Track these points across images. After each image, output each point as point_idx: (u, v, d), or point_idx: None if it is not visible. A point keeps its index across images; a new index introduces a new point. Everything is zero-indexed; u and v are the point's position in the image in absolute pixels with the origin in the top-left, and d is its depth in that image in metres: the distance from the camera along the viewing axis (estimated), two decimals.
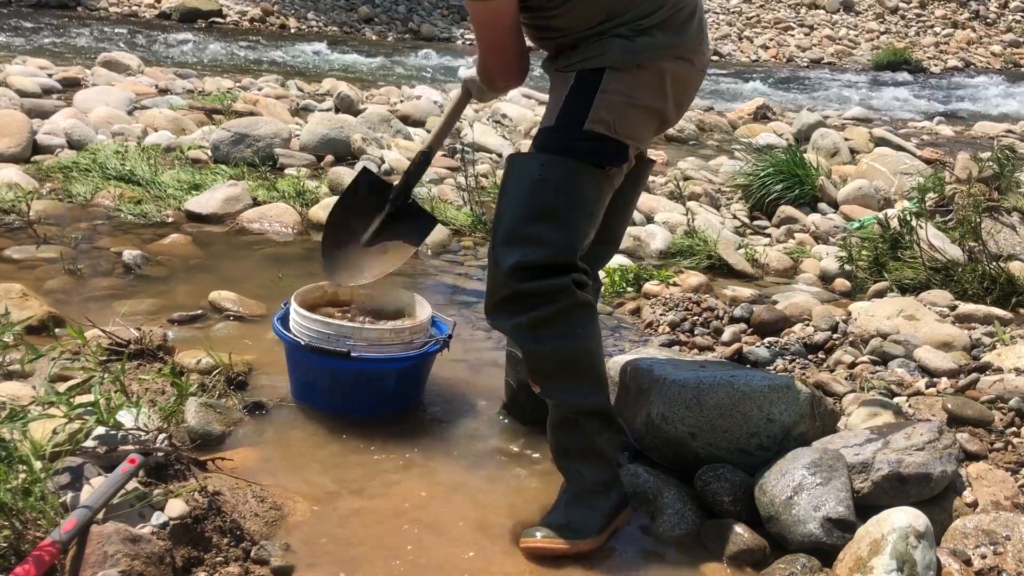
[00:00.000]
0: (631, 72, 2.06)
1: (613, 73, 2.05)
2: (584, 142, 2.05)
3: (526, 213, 2.05)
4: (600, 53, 2.06)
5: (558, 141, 2.07)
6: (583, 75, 2.07)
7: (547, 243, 2.03)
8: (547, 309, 2.04)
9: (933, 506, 2.07)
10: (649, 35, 2.06)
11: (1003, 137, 8.08)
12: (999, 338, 2.95)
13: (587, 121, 2.05)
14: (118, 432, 2.00)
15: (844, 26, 16.70)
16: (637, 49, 2.06)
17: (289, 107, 6.70)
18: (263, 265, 3.71)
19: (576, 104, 2.06)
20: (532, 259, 2.02)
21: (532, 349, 2.08)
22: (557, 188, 2.05)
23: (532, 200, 2.05)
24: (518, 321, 2.06)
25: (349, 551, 1.97)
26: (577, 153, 2.05)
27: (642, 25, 2.06)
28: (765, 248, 4.33)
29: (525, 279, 2.02)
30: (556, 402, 2.11)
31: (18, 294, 2.85)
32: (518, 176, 2.10)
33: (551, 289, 2.03)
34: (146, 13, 13.40)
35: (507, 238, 2.05)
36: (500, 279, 2.06)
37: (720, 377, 2.30)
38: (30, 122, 4.94)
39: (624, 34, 2.06)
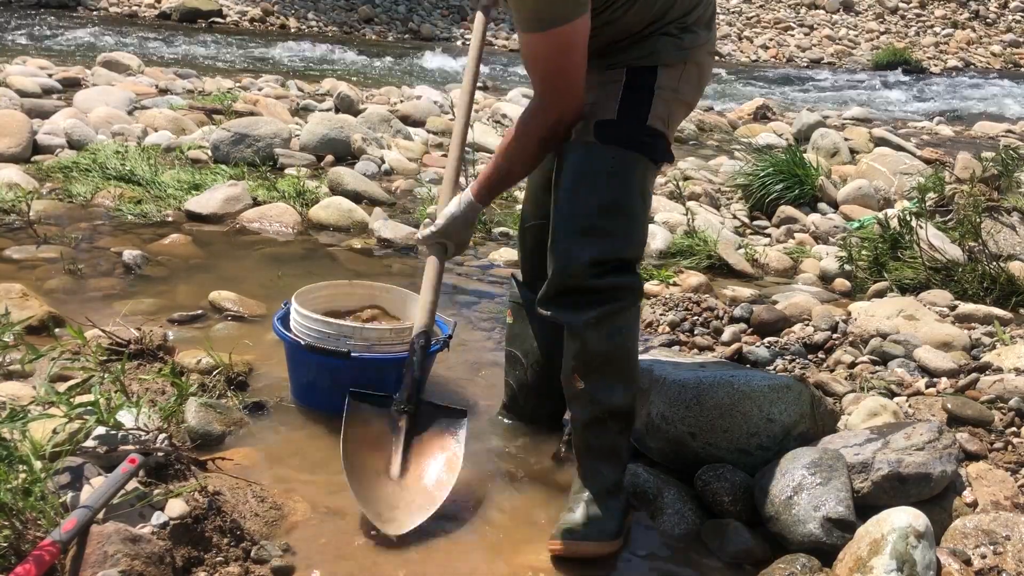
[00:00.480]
0: (679, 68, 2.10)
1: (665, 70, 2.07)
2: (648, 138, 2.06)
3: (601, 206, 2.00)
4: (653, 51, 2.08)
5: (627, 135, 2.04)
6: (636, 71, 2.07)
7: (623, 238, 2.02)
8: (615, 306, 2.02)
9: (933, 506, 2.07)
10: (692, 32, 2.11)
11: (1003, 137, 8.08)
12: (999, 338, 2.95)
13: (649, 117, 2.05)
14: (118, 432, 2.00)
15: (844, 26, 16.71)
16: (684, 46, 2.09)
17: (289, 107, 6.71)
18: (263, 265, 3.72)
19: (635, 100, 2.05)
20: (609, 254, 2.00)
21: (592, 345, 2.03)
22: (629, 182, 2.03)
23: (607, 193, 2.01)
24: (587, 316, 2.01)
25: (349, 551, 1.97)
26: (644, 148, 2.05)
27: (686, 23, 2.10)
28: (765, 248, 4.34)
29: (601, 275, 2.00)
30: (591, 400, 2.07)
31: (18, 294, 2.85)
32: (591, 167, 2.03)
33: (624, 286, 2.03)
34: (146, 13, 13.41)
35: (582, 230, 2.00)
36: (572, 272, 2.00)
37: (720, 377, 2.30)
38: (30, 122, 4.95)
39: (672, 32, 2.09)
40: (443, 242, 2.27)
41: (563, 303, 2.04)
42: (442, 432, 2.22)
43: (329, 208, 4.31)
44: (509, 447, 2.48)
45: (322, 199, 4.41)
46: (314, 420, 2.48)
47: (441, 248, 2.29)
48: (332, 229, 4.22)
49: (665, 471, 2.30)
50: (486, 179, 2.18)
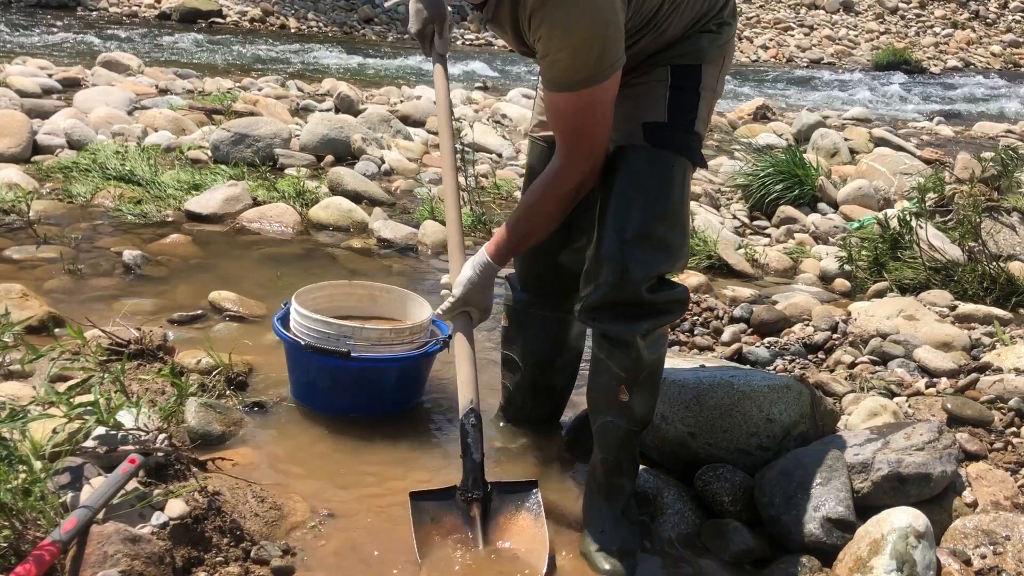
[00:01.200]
0: (718, 64, 2.07)
1: (707, 67, 2.03)
2: (696, 144, 2.02)
3: (657, 214, 1.93)
4: (696, 48, 2.02)
5: (678, 140, 1.98)
6: (681, 70, 2.01)
7: (675, 249, 1.96)
8: (664, 319, 1.98)
9: (933, 506, 2.07)
10: (728, 25, 2.08)
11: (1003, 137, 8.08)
12: (999, 338, 2.95)
13: (696, 121, 2.01)
14: (118, 432, 2.00)
15: (844, 26, 16.71)
16: (722, 41, 2.06)
17: (289, 107, 6.70)
18: (263, 265, 3.72)
19: (682, 102, 2.00)
20: (664, 267, 1.94)
21: (642, 356, 1.97)
22: (681, 190, 1.98)
23: (662, 200, 1.94)
24: (640, 328, 1.94)
25: (349, 551, 1.97)
26: (692, 154, 2.01)
27: (722, 17, 2.07)
28: (765, 248, 4.34)
29: (656, 289, 1.94)
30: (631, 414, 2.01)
31: (18, 294, 2.85)
32: (647, 172, 1.96)
33: (675, 299, 1.98)
34: (146, 13, 13.40)
35: (637, 239, 1.91)
36: (627, 285, 1.91)
37: (720, 377, 2.30)
38: (30, 122, 4.94)
39: (712, 28, 2.05)
40: (466, 311, 2.11)
41: (614, 315, 1.95)
42: (518, 510, 2.02)
43: (329, 208, 4.31)
44: (510, 448, 2.48)
45: (322, 199, 4.41)
46: (314, 420, 2.48)
47: (465, 318, 2.11)
48: (332, 229, 4.22)
49: (665, 471, 2.30)
50: (505, 240, 2.05)
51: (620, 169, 1.97)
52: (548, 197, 1.99)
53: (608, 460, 2.07)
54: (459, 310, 2.10)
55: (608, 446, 2.06)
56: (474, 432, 2.01)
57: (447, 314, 2.12)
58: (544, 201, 2.00)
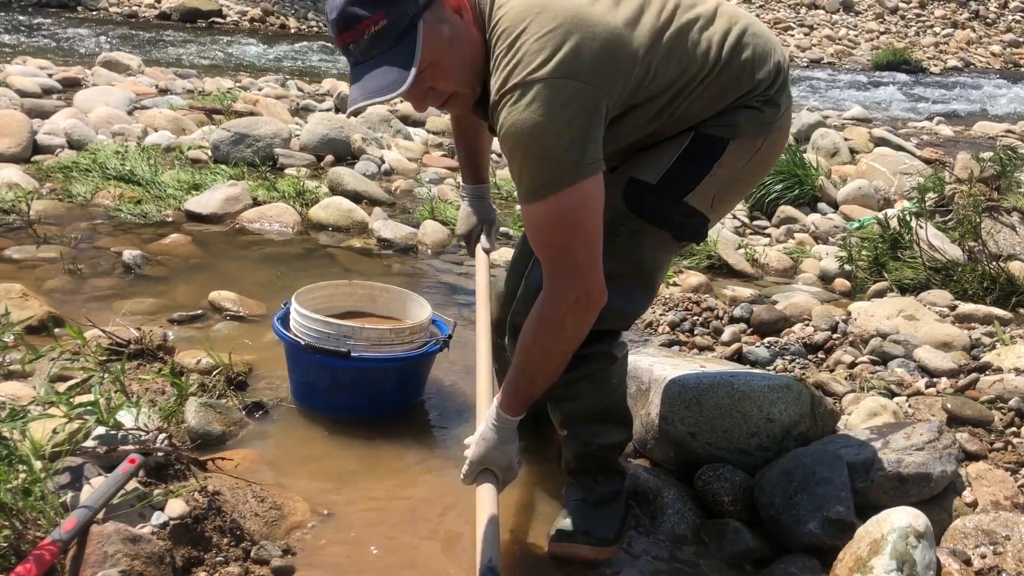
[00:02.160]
0: (753, 143, 1.89)
1: (736, 145, 1.86)
2: (679, 215, 1.88)
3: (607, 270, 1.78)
4: (730, 123, 1.86)
5: (656, 209, 1.86)
6: (704, 139, 1.86)
7: (617, 313, 1.86)
8: (585, 370, 1.90)
9: (933, 506, 2.07)
10: (775, 103, 1.89)
11: (1003, 137, 8.08)
12: (999, 338, 2.95)
13: (691, 194, 1.87)
14: (118, 432, 2.00)
15: (844, 26, 16.71)
16: (765, 120, 1.88)
17: (289, 107, 6.71)
18: (263, 265, 3.72)
19: (687, 171, 1.86)
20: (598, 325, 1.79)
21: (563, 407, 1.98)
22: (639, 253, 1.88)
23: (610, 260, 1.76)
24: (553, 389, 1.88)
25: (349, 551, 1.97)
26: (669, 225, 1.88)
27: (768, 94, 1.88)
28: (765, 248, 4.34)
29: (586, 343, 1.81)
30: (578, 441, 2.03)
31: (18, 294, 2.85)
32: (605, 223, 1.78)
33: (597, 354, 1.91)
34: (146, 13, 13.40)
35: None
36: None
37: (720, 377, 2.30)
38: (30, 122, 4.95)
39: (754, 104, 1.86)
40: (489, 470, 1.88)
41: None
42: None
43: (329, 208, 4.31)
44: None
45: (322, 199, 4.41)
46: (314, 420, 2.48)
47: (490, 476, 1.87)
48: (332, 229, 4.22)
49: (665, 471, 2.30)
50: (512, 387, 1.84)
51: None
52: (540, 332, 1.77)
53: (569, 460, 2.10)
54: (477, 471, 1.87)
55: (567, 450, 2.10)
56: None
57: (466, 479, 1.89)
58: (537, 337, 1.78)
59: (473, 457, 1.87)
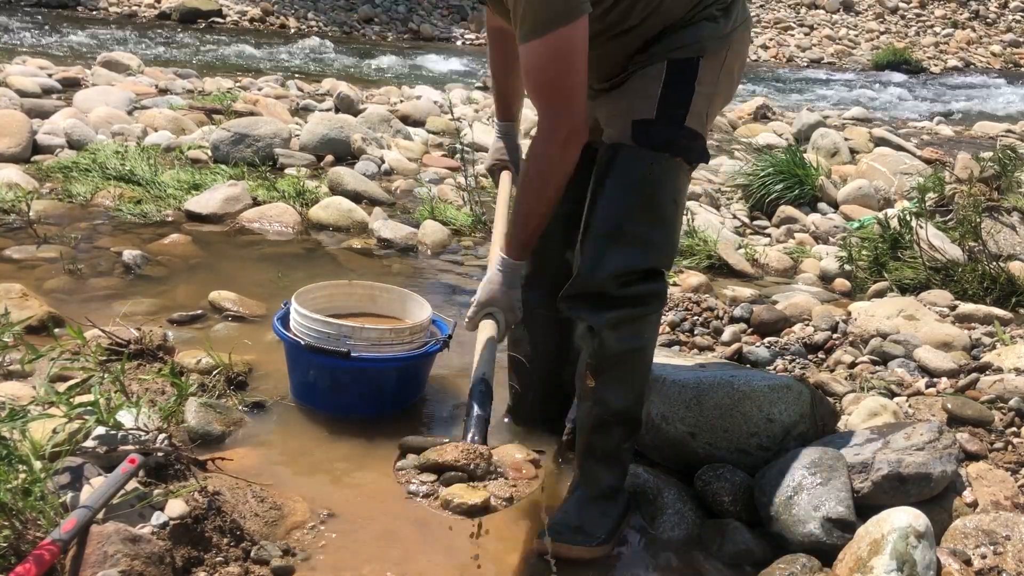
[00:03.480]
0: (719, 57, 2.00)
1: (706, 62, 1.98)
2: (686, 140, 2.00)
3: (633, 212, 1.96)
4: (693, 40, 1.98)
5: (664, 138, 1.98)
6: (676, 65, 1.98)
7: (651, 245, 1.98)
8: (636, 311, 1.99)
9: (933, 506, 2.07)
10: (732, 12, 2.01)
11: (1003, 137, 8.07)
12: (999, 338, 2.95)
13: (687, 117, 1.98)
14: (118, 432, 2.00)
15: (844, 26, 16.70)
16: (725, 31, 2.00)
17: (289, 107, 6.70)
18: (263, 265, 3.71)
19: (675, 97, 1.97)
20: (637, 264, 1.96)
21: (607, 344, 2.00)
22: (663, 187, 1.98)
23: (639, 198, 1.96)
24: (607, 316, 1.97)
25: (349, 551, 1.97)
26: (681, 151, 1.99)
27: (725, 3, 2.01)
28: (765, 248, 4.33)
29: (626, 284, 1.96)
30: (599, 401, 2.06)
31: (18, 294, 2.85)
32: (624, 170, 1.98)
33: (648, 294, 1.99)
34: (146, 13, 13.39)
35: (611, 235, 1.96)
36: (597, 279, 1.96)
37: (720, 377, 2.30)
38: (30, 122, 4.94)
39: (714, 15, 1.99)
40: (491, 312, 2.01)
41: (585, 304, 2.01)
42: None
43: (329, 208, 4.31)
44: None
45: (322, 199, 4.41)
46: (314, 420, 2.48)
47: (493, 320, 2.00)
48: (332, 229, 4.21)
49: (665, 471, 2.30)
50: (512, 227, 2.03)
51: (604, 167, 2.01)
52: (537, 170, 1.95)
53: (582, 442, 2.12)
54: (483, 312, 2.01)
55: (582, 428, 2.11)
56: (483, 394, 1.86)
57: (470, 323, 2.03)
58: (534, 175, 1.95)
59: (479, 298, 2.01)
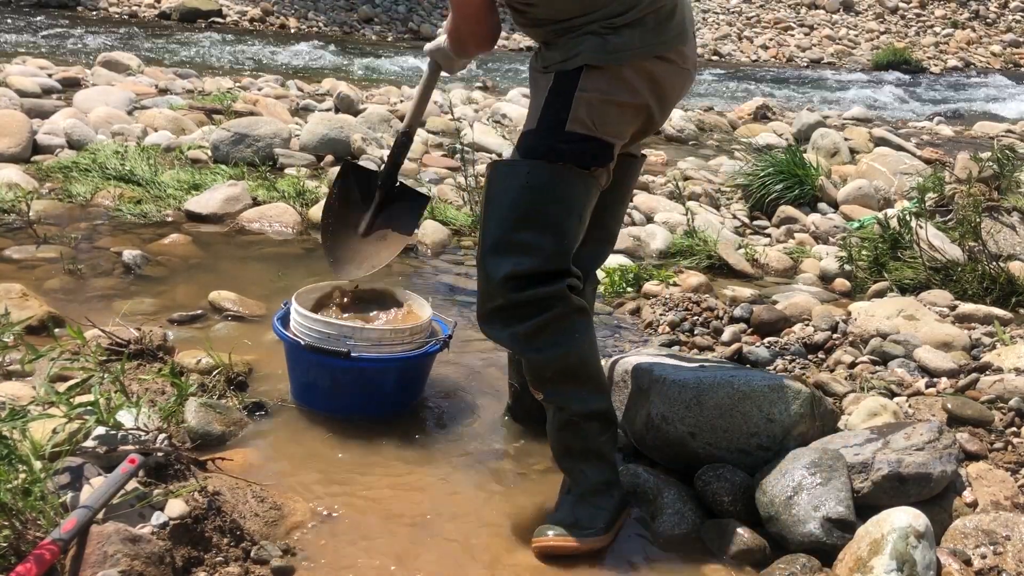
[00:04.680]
0: (607, 70, 2.02)
1: (589, 71, 2.01)
2: (567, 144, 2.02)
3: (514, 220, 2.02)
4: (576, 52, 2.02)
5: (541, 145, 2.04)
6: (561, 76, 2.04)
7: (538, 250, 2.01)
8: (543, 317, 2.02)
9: (933, 506, 2.07)
10: (620, 34, 2.02)
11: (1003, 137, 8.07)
12: (999, 338, 2.95)
13: (568, 122, 2.01)
14: (118, 432, 2.00)
15: (844, 26, 16.70)
16: (610, 48, 2.01)
17: (289, 107, 6.70)
18: (263, 265, 3.71)
19: (556, 105, 2.03)
20: (524, 268, 2.00)
21: (532, 357, 2.08)
22: (544, 193, 2.02)
23: (519, 207, 2.02)
24: (515, 330, 2.04)
25: (349, 551, 1.97)
26: (561, 156, 2.02)
27: (614, 24, 2.02)
28: (765, 248, 4.33)
29: (518, 288, 2.01)
30: (557, 407, 2.10)
31: (18, 294, 2.85)
32: (503, 183, 2.06)
33: (546, 296, 2.02)
34: (146, 13, 13.39)
35: (496, 247, 2.03)
36: (492, 290, 2.03)
37: (720, 377, 2.30)
38: (30, 122, 4.94)
39: (597, 31, 2.02)
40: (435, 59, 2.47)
41: (493, 319, 2.06)
42: (405, 209, 2.66)
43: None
44: (509, 448, 2.48)
45: (322, 199, 4.41)
46: (314, 420, 2.48)
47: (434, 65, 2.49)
48: None
49: (665, 471, 2.30)
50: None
51: (487, 183, 2.10)
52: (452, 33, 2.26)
53: (556, 446, 2.15)
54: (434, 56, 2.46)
55: (551, 432, 2.15)
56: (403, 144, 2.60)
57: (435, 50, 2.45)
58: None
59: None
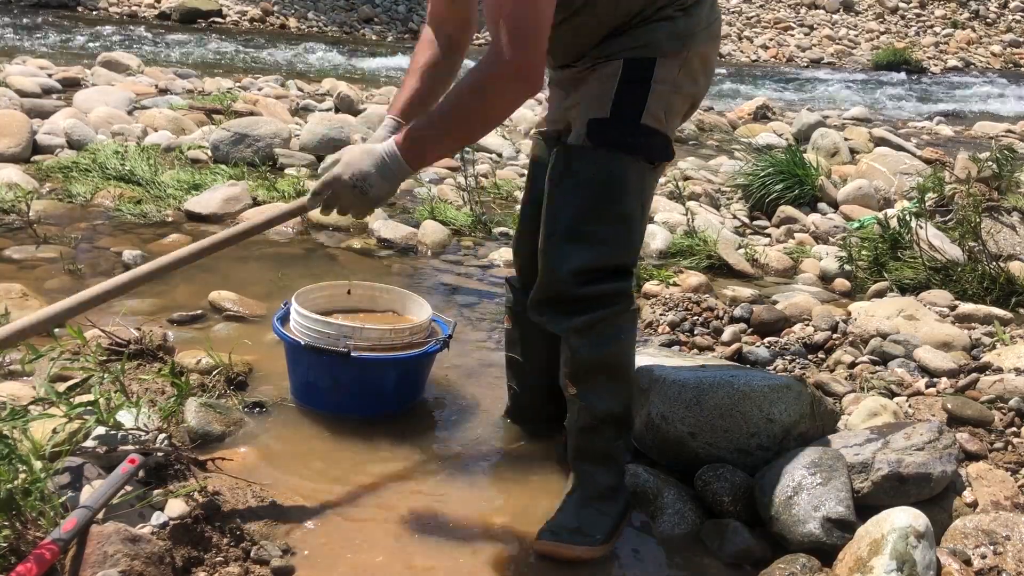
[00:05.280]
0: (679, 58, 1.99)
1: (663, 61, 1.97)
2: (643, 138, 1.98)
3: (589, 212, 1.96)
4: (650, 40, 1.97)
5: (619, 137, 1.97)
6: (633, 63, 1.97)
7: (611, 244, 1.98)
8: (603, 312, 1.98)
9: (933, 506, 2.07)
10: (690, 14, 1.99)
11: (1003, 137, 8.07)
12: (999, 338, 2.95)
13: (643, 115, 1.96)
14: (118, 432, 2.00)
15: (844, 26, 16.70)
16: (683, 32, 1.98)
17: (289, 107, 6.70)
18: (263, 265, 3.71)
19: (631, 95, 1.96)
20: (595, 261, 1.96)
21: (580, 350, 2.02)
22: (621, 186, 1.97)
23: (595, 198, 1.96)
24: (573, 323, 1.99)
25: (349, 551, 1.97)
26: (637, 149, 1.98)
27: (685, 3, 1.99)
28: (765, 248, 4.33)
29: (586, 282, 1.96)
30: (583, 407, 2.07)
31: (18, 294, 2.85)
32: (579, 171, 1.98)
33: (613, 292, 1.99)
34: (146, 13, 13.39)
35: (568, 237, 1.96)
36: (556, 280, 1.98)
37: (720, 377, 2.30)
38: (30, 122, 4.94)
39: (670, 15, 1.98)
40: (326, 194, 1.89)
41: (550, 309, 2.02)
42: None
43: None
44: (509, 449, 2.48)
45: None
46: (314, 420, 2.48)
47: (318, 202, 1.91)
48: (332, 229, 4.21)
49: (665, 471, 2.30)
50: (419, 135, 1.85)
51: (560, 168, 2.01)
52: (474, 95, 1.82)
53: (573, 445, 2.13)
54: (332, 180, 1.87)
55: (571, 431, 2.13)
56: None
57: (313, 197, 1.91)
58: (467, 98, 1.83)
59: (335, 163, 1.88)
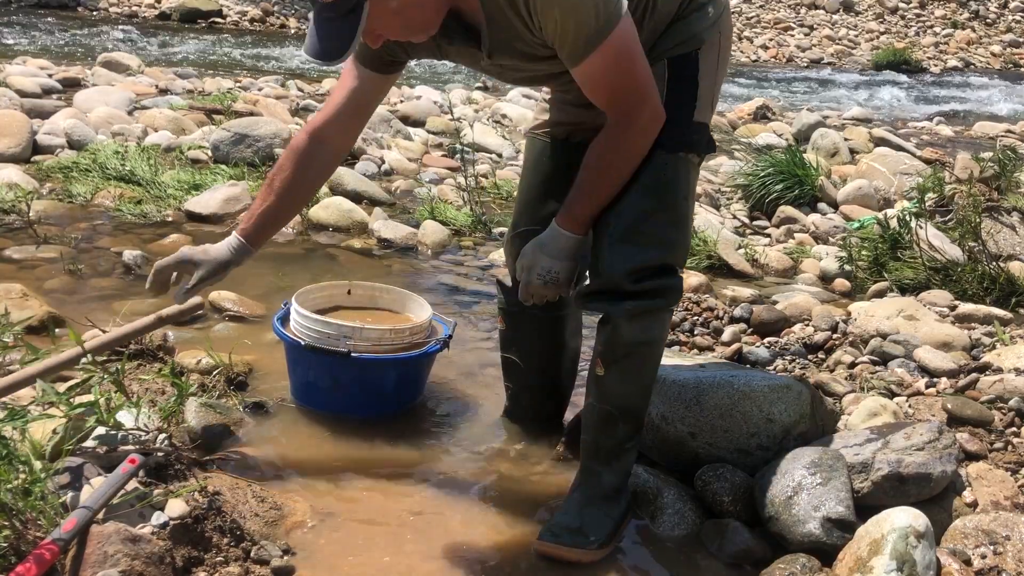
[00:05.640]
0: (715, 46, 2.03)
1: (703, 53, 2.01)
2: (696, 135, 2.01)
3: (649, 212, 1.96)
4: (689, 35, 2.00)
5: (675, 137, 1.98)
6: (677, 62, 2.00)
7: (668, 243, 1.99)
8: (651, 304, 1.99)
9: (933, 506, 2.07)
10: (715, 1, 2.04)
11: (1003, 137, 8.07)
12: (999, 338, 2.95)
13: (695, 112, 2.00)
14: (118, 432, 2.00)
15: (844, 26, 16.69)
16: (714, 18, 2.02)
17: (289, 107, 6.69)
18: (263, 265, 3.71)
19: (681, 95, 1.99)
20: (650, 262, 1.97)
21: (620, 333, 2.01)
22: (677, 186, 1.99)
23: (655, 199, 1.97)
24: (627, 306, 1.98)
25: (349, 551, 1.97)
26: (691, 147, 2.01)
27: None
28: (765, 248, 4.33)
29: (640, 279, 1.97)
30: (606, 392, 2.06)
31: (18, 294, 2.85)
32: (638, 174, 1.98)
33: (664, 288, 2.00)
34: (146, 13, 13.39)
35: (627, 237, 1.97)
36: (612, 279, 1.98)
37: (720, 377, 2.30)
38: (30, 122, 4.94)
39: (700, 4, 2.02)
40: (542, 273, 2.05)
41: (602, 298, 2.02)
42: None
43: (329, 208, 4.31)
44: (509, 449, 2.48)
45: (322, 199, 4.41)
46: (314, 420, 2.48)
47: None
48: (332, 229, 4.21)
49: (665, 471, 2.30)
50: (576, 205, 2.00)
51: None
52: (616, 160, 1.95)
53: (586, 441, 2.12)
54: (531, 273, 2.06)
55: (586, 426, 2.11)
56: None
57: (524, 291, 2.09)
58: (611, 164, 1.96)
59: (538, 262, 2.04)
